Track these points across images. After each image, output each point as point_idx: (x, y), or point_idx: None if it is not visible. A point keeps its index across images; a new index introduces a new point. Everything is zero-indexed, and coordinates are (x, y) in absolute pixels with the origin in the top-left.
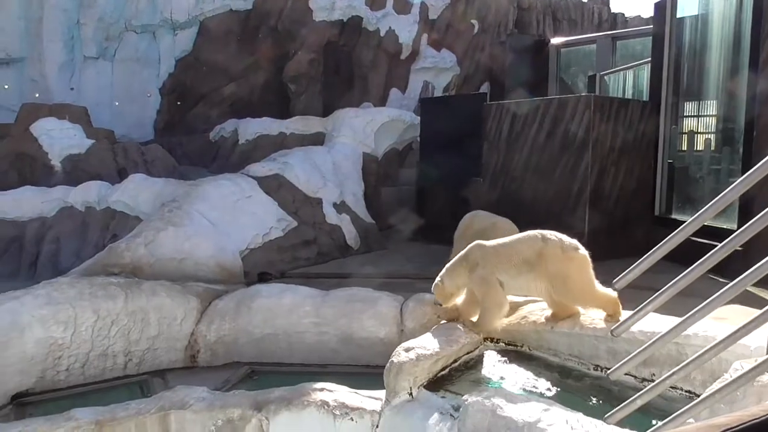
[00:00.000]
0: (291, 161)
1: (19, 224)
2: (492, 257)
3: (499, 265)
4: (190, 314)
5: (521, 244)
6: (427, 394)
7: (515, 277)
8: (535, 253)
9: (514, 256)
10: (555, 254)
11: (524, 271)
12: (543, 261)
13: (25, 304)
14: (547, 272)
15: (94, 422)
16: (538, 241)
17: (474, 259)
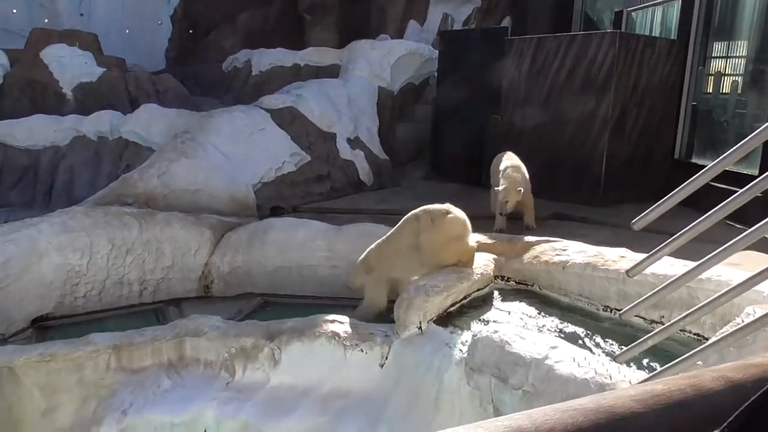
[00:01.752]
0: (305, 94)
1: (33, 153)
2: (383, 260)
3: (390, 266)
4: (204, 246)
5: (401, 233)
6: (436, 329)
7: (409, 265)
8: (414, 234)
9: (402, 247)
10: (426, 227)
11: (415, 256)
12: (421, 239)
13: (42, 231)
14: (422, 246)
15: (111, 347)
16: (413, 223)
17: (369, 262)
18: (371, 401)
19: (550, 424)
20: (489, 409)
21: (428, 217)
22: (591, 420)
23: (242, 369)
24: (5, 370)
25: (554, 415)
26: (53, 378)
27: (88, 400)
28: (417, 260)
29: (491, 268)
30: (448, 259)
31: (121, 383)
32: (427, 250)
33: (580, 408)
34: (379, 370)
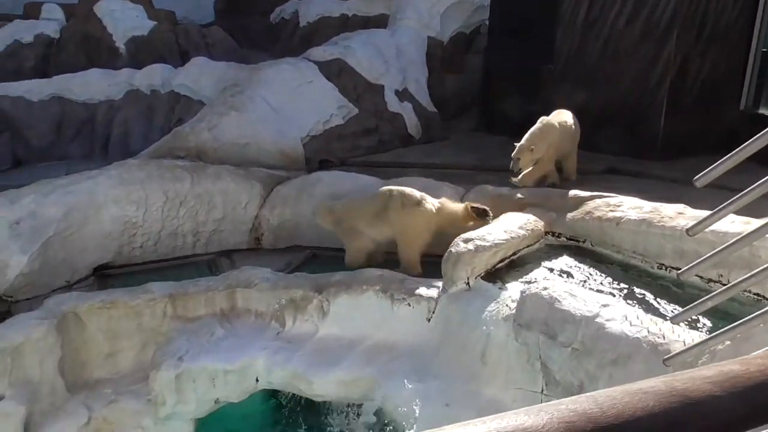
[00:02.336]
0: (353, 45)
1: (90, 106)
2: (351, 212)
3: (357, 219)
4: (254, 199)
5: (372, 200)
6: (484, 285)
7: (370, 228)
8: (383, 205)
9: (367, 210)
10: (396, 208)
11: (376, 223)
12: (388, 214)
13: (99, 184)
14: (391, 223)
15: (167, 295)
16: (386, 196)
17: (339, 213)
18: (417, 354)
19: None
20: (536, 365)
21: (400, 199)
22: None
23: (292, 320)
24: (71, 316)
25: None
26: (114, 324)
27: (147, 346)
28: (378, 228)
29: (542, 224)
30: (413, 242)
31: (176, 331)
32: (395, 228)
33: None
34: (425, 324)
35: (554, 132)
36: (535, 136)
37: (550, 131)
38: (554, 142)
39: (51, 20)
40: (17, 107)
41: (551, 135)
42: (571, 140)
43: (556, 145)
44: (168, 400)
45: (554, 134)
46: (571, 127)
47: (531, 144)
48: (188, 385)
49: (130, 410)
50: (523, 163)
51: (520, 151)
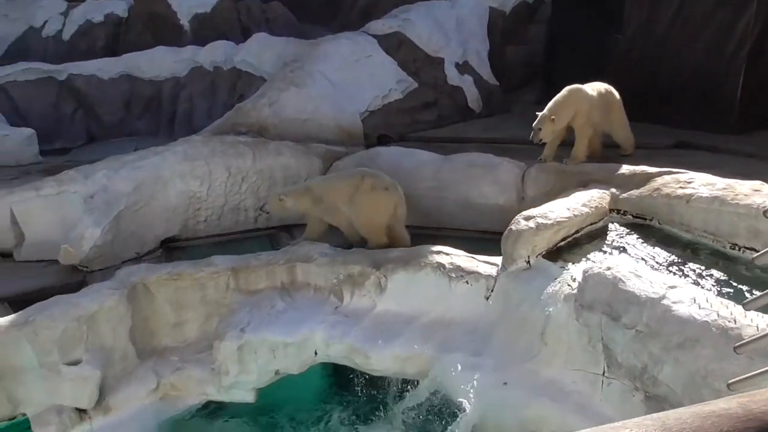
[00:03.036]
0: (412, 18)
1: (156, 83)
2: (331, 191)
3: (336, 197)
4: (314, 174)
5: (346, 181)
6: (545, 263)
7: (346, 207)
8: (354, 187)
9: (344, 191)
10: (365, 190)
11: (345, 205)
12: (356, 195)
13: (166, 159)
14: (354, 205)
15: (230, 268)
16: (357, 178)
17: (318, 193)
18: (475, 332)
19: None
20: (598, 346)
21: (370, 182)
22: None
23: (350, 295)
24: (141, 286)
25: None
26: (180, 295)
27: (211, 317)
28: (349, 210)
29: (606, 201)
30: (372, 228)
31: (239, 303)
32: (354, 213)
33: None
34: (483, 302)
35: (580, 100)
36: (558, 105)
37: (575, 99)
38: (582, 112)
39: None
40: (90, 85)
41: (577, 103)
42: (604, 110)
43: (585, 114)
44: (231, 370)
45: (581, 103)
46: (605, 96)
47: (552, 113)
48: (250, 355)
49: (195, 378)
50: (545, 134)
51: (542, 121)
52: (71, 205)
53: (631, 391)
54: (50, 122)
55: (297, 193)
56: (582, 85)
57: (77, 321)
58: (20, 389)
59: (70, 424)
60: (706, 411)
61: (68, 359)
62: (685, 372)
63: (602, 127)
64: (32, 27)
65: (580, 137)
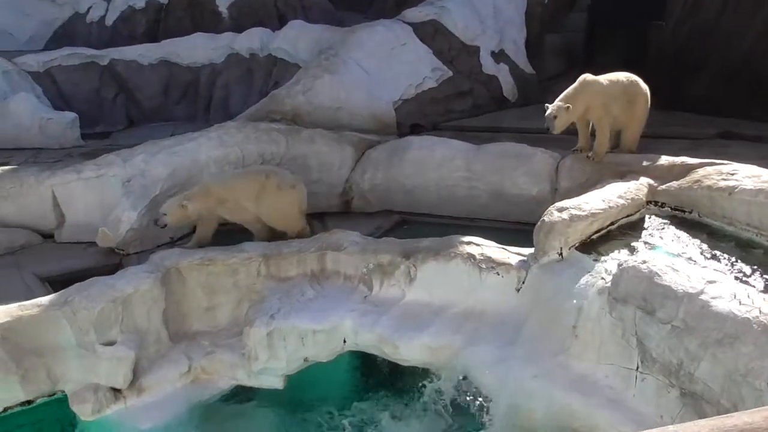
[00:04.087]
0: (448, 5)
1: (194, 69)
2: (235, 190)
3: (241, 197)
4: (346, 162)
5: (249, 180)
6: (578, 256)
7: (251, 206)
8: (259, 187)
9: (249, 190)
10: (272, 189)
11: (253, 203)
12: (263, 194)
13: (201, 145)
14: (264, 204)
15: (261, 255)
16: (261, 177)
17: (221, 193)
18: (505, 324)
19: None
20: (632, 341)
21: (276, 181)
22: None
23: (379, 284)
24: (174, 271)
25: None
26: (213, 280)
27: (242, 303)
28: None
29: (643, 192)
30: (288, 222)
31: (269, 290)
32: (265, 211)
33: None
34: (514, 294)
35: (594, 92)
36: (571, 94)
37: (590, 89)
38: (596, 104)
39: None
40: (131, 70)
41: (591, 96)
42: (626, 102)
43: (600, 107)
44: (260, 356)
45: (594, 95)
46: (627, 88)
47: (567, 102)
48: (279, 342)
49: (225, 362)
50: (560, 123)
51: (558, 110)
52: (110, 188)
53: (666, 388)
54: (92, 106)
55: (199, 195)
56: (597, 76)
57: (113, 302)
58: (59, 367)
59: (106, 403)
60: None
61: (104, 339)
62: (723, 370)
63: (621, 121)
64: (77, 12)
65: (600, 131)
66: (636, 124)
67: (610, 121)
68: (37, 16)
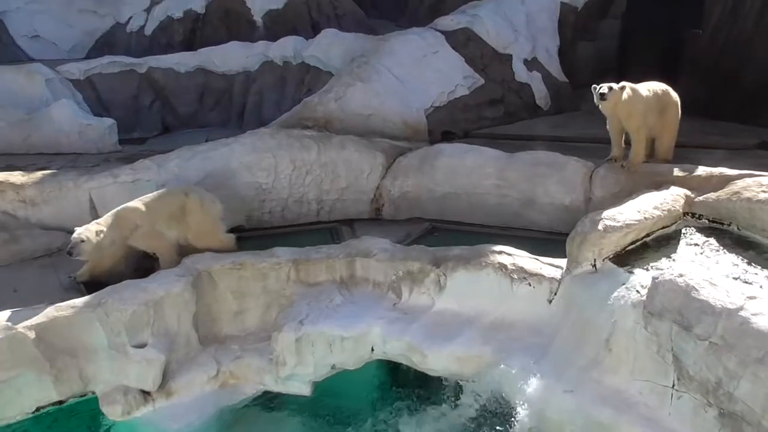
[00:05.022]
0: (481, 14)
1: (229, 77)
2: (148, 215)
3: (156, 220)
4: (376, 169)
5: (167, 200)
6: (612, 267)
7: (168, 229)
8: (179, 208)
9: (163, 211)
10: (195, 208)
11: (173, 224)
12: (186, 214)
13: (234, 151)
14: (188, 224)
15: (291, 260)
16: (181, 196)
17: (131, 221)
18: (536, 336)
19: None
20: (668, 357)
21: (198, 198)
22: None
23: (408, 291)
24: (205, 274)
25: None
26: (243, 284)
27: (271, 307)
28: (174, 229)
29: (680, 203)
30: (216, 239)
31: (298, 295)
32: (194, 231)
33: None
34: (546, 305)
35: (638, 99)
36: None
37: (634, 96)
38: (637, 113)
39: None
40: (167, 78)
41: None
42: (659, 113)
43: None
44: (288, 361)
45: (636, 104)
46: (661, 98)
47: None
48: (307, 348)
49: (253, 367)
50: (609, 102)
51: (613, 90)
52: (145, 192)
53: (703, 407)
54: (130, 113)
55: (113, 222)
56: (637, 85)
57: (145, 305)
58: (91, 367)
59: (135, 405)
60: None
61: (135, 342)
62: (764, 389)
63: (655, 131)
64: (118, 23)
65: (636, 140)
66: (670, 133)
67: (646, 131)
68: (80, 26)
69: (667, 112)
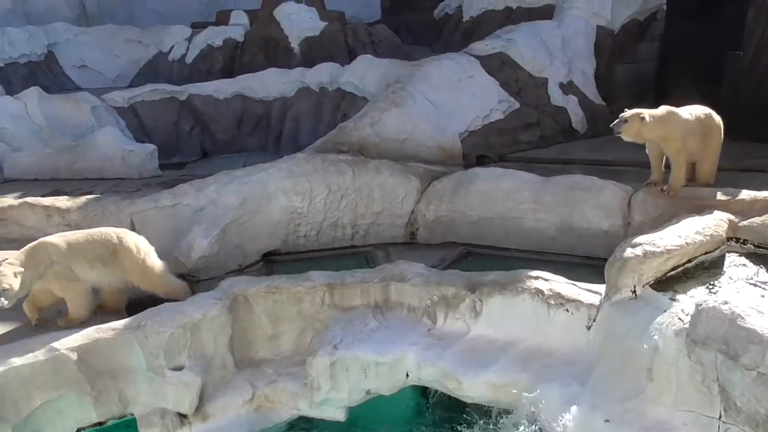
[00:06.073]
0: (516, 38)
1: (266, 103)
2: (67, 253)
3: (74, 260)
4: (411, 193)
5: (96, 242)
6: (653, 294)
7: (89, 271)
8: (110, 251)
9: (89, 252)
10: (129, 252)
11: (98, 266)
12: (118, 258)
13: (271, 175)
14: (124, 267)
15: (326, 284)
16: (113, 240)
17: (46, 257)
18: (575, 364)
19: None
20: (713, 387)
21: (133, 240)
22: None
23: (443, 317)
24: (241, 298)
25: None
26: (278, 308)
27: (306, 331)
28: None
29: (723, 228)
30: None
31: (333, 319)
32: (132, 272)
33: None
34: (585, 332)
35: (677, 122)
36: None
37: (673, 119)
38: (675, 137)
39: (238, 25)
40: (207, 104)
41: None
42: (701, 137)
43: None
44: (323, 386)
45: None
46: (704, 122)
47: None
48: (342, 373)
49: (288, 391)
50: (629, 130)
51: (632, 116)
52: (184, 216)
53: None
54: (170, 138)
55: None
56: (678, 108)
57: (183, 328)
58: (130, 389)
59: (172, 428)
60: None
61: (173, 364)
62: None
63: (696, 155)
64: (161, 52)
65: (676, 164)
66: (712, 157)
67: (685, 155)
68: (125, 56)
69: (710, 136)
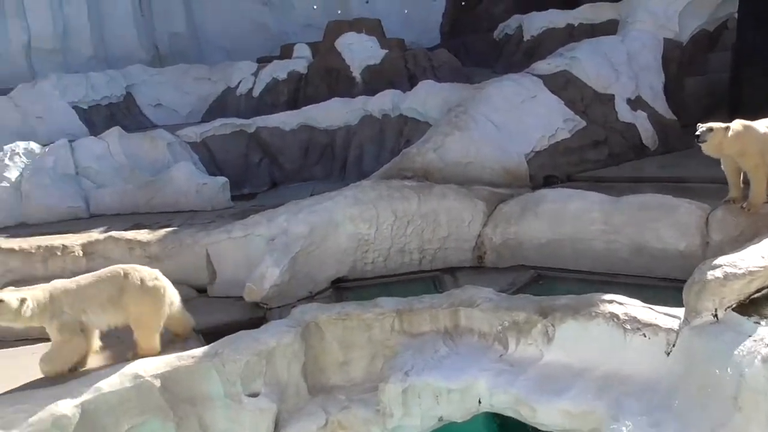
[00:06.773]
0: (579, 55)
1: (330, 132)
2: (79, 301)
3: (86, 308)
4: (477, 217)
5: (104, 283)
6: (736, 318)
7: (101, 315)
8: (118, 288)
9: (99, 295)
10: (134, 287)
11: (109, 308)
12: (124, 296)
13: (338, 203)
14: (126, 308)
15: (395, 311)
16: (119, 278)
17: (59, 303)
18: (654, 391)
19: None
20: None
21: (138, 276)
22: None
23: (515, 343)
24: (313, 325)
25: None
26: (348, 335)
27: (376, 358)
28: (109, 315)
29: None
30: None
31: (403, 345)
32: (132, 312)
33: None
34: (664, 358)
35: (754, 136)
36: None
37: (749, 133)
38: (753, 152)
39: (301, 58)
40: (274, 136)
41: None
42: None
43: (757, 154)
44: (395, 413)
45: (751, 142)
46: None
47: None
48: (413, 399)
49: (360, 418)
50: (713, 141)
51: (717, 129)
52: (256, 246)
53: None
54: (240, 170)
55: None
56: (754, 122)
57: (258, 355)
58: (208, 416)
59: None
60: None
61: (249, 391)
62: None
63: None
64: (229, 87)
65: (756, 180)
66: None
67: (765, 169)
68: (196, 93)
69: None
